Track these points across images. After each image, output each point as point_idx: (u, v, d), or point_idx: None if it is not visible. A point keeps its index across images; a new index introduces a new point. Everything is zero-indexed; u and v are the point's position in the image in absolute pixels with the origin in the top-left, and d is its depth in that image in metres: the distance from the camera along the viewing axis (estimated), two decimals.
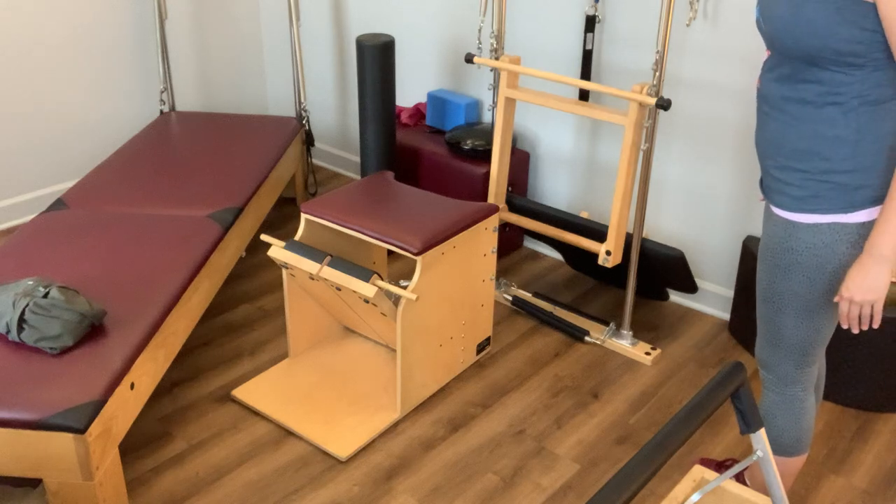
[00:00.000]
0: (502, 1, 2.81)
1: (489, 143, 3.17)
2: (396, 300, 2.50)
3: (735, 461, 2.29)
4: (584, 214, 2.92)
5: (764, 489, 2.07)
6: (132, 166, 3.12)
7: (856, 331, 1.70)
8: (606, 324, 2.97)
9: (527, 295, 3.15)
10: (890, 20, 1.47)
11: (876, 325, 1.68)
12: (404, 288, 2.38)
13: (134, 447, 2.41)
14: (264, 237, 2.53)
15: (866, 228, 1.65)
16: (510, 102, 2.82)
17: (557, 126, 3.26)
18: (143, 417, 2.53)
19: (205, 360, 2.78)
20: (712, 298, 3.06)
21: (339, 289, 2.45)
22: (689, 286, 2.85)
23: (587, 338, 2.90)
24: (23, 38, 3.44)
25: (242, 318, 3.01)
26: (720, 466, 2.29)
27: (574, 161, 3.26)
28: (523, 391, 2.67)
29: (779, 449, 1.97)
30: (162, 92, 3.65)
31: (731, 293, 3.01)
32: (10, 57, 3.43)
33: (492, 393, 2.66)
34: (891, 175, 1.61)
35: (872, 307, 1.65)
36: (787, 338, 1.83)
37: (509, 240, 3.44)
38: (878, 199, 1.63)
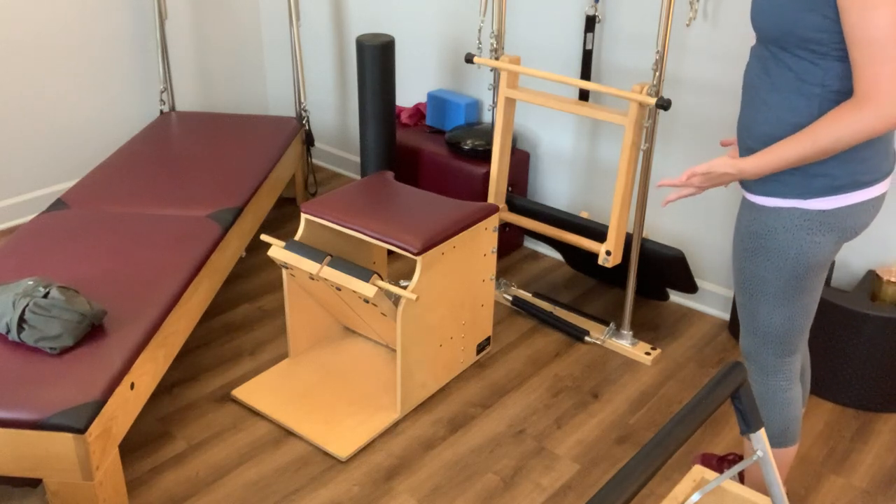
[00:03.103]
0: (502, 1, 2.81)
1: (489, 143, 3.17)
2: (396, 300, 2.50)
3: (738, 455, 2.29)
4: (584, 214, 2.92)
5: (759, 487, 2.07)
6: (132, 166, 3.12)
7: (674, 194, 1.80)
8: (606, 324, 2.97)
9: (527, 295, 3.15)
10: (843, 7, 1.51)
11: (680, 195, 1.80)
12: (404, 288, 2.38)
13: (134, 447, 2.41)
14: (264, 237, 2.53)
15: (828, 217, 1.69)
16: (510, 102, 2.82)
17: (557, 126, 3.26)
18: (143, 417, 2.53)
19: (205, 360, 2.78)
20: (712, 298, 3.06)
21: (339, 289, 2.45)
22: (689, 286, 2.85)
23: (587, 338, 2.90)
24: (22, 38, 3.44)
25: (242, 318, 3.01)
26: (722, 461, 2.29)
27: (574, 161, 3.26)
28: (523, 391, 2.67)
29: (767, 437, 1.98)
30: (162, 92, 3.65)
31: (731, 293, 3.01)
32: (9, 57, 3.43)
33: (492, 393, 2.66)
34: (848, 166, 1.65)
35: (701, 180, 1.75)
36: (762, 325, 1.86)
37: (509, 240, 3.44)
38: (838, 189, 1.67)
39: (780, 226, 1.72)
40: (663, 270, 2.82)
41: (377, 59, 3.06)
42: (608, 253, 2.66)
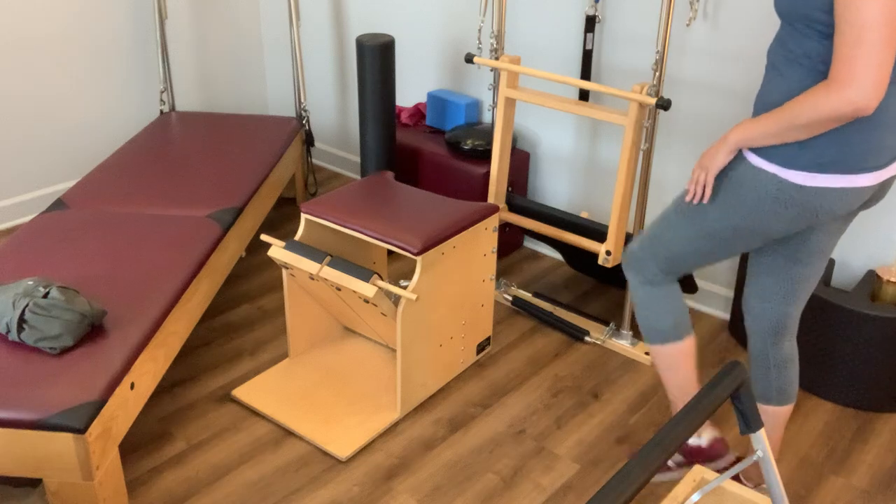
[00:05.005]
0: (502, 1, 2.81)
1: (489, 143, 3.17)
2: (396, 300, 2.50)
3: (738, 456, 2.29)
4: (584, 214, 2.92)
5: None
6: (132, 166, 3.12)
7: (689, 196, 1.87)
8: (606, 324, 2.97)
9: (527, 295, 3.15)
10: None
11: (705, 200, 1.85)
12: (404, 288, 2.38)
13: (134, 447, 2.41)
14: (264, 237, 2.53)
15: (801, 194, 1.72)
16: (510, 102, 2.82)
17: (557, 126, 3.26)
18: (143, 417, 2.53)
19: (205, 360, 2.78)
20: (712, 298, 3.06)
21: (339, 289, 2.46)
22: (689, 286, 2.85)
23: (587, 338, 2.90)
24: (22, 39, 3.44)
25: (242, 318, 3.01)
26: None
27: (574, 161, 3.26)
28: (523, 391, 2.67)
29: (661, 336, 2.07)
30: (162, 92, 3.65)
31: (731, 293, 3.01)
32: (9, 57, 3.43)
33: (492, 393, 2.66)
34: (837, 147, 1.68)
35: (706, 177, 1.84)
36: (665, 242, 1.95)
37: (509, 240, 3.44)
38: (819, 167, 1.69)
39: (754, 184, 1.76)
40: None
41: (377, 59, 3.06)
42: (608, 253, 2.66)
